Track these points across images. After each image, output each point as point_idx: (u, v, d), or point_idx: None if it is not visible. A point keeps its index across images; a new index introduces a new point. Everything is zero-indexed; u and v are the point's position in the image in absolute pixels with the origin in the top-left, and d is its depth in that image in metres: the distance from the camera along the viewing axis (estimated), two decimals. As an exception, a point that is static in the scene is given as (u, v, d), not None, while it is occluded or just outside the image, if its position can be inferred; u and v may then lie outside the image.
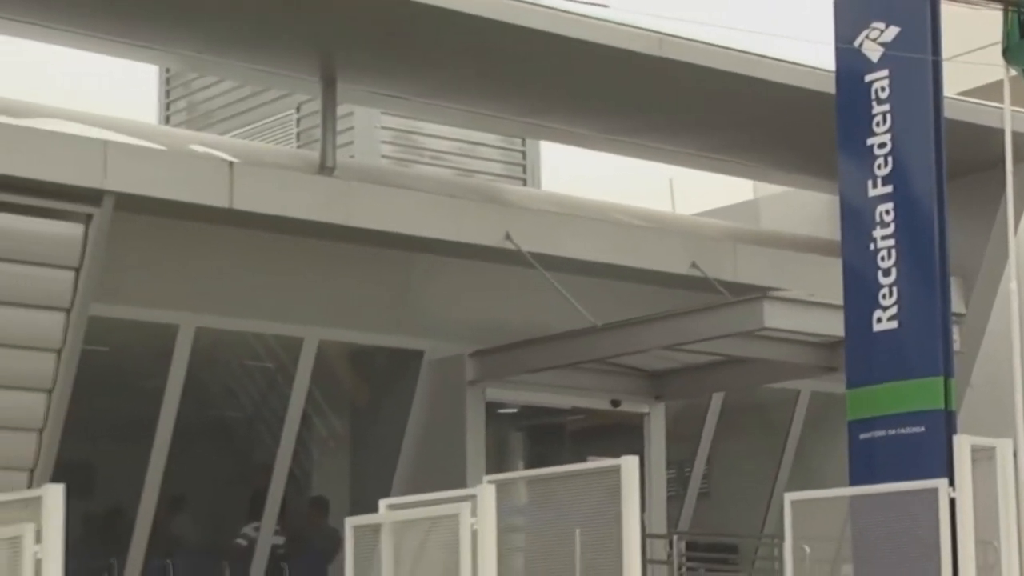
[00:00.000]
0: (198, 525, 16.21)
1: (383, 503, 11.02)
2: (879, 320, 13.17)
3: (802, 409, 19.29)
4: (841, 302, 13.57)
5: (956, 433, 12.31)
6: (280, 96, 19.13)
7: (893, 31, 13.44)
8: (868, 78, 13.49)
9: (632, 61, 15.56)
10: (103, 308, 14.08)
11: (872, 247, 13.26)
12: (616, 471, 10.22)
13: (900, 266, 13.12)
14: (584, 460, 14.47)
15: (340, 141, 16.56)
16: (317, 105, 16.51)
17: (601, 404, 17.63)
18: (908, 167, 13.23)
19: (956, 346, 13.41)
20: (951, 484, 11.58)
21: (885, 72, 13.42)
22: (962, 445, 11.68)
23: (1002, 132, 13.82)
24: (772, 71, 16.24)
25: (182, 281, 15.09)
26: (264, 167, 15.34)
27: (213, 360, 15.80)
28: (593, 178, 21.98)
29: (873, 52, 13.50)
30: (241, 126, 19.58)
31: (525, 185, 19.87)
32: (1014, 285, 13.41)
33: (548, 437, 18.58)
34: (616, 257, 16.72)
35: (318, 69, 15.81)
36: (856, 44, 13.56)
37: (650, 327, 15.64)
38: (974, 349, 18.63)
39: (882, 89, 13.42)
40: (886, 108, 13.38)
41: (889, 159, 13.31)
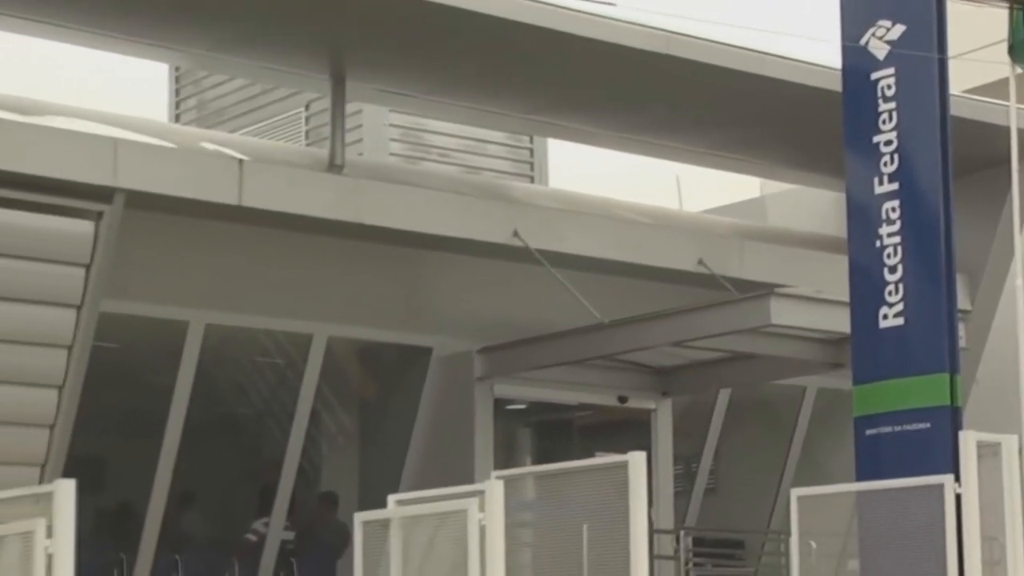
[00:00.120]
0: (208, 520, 16.27)
1: (392, 499, 11.02)
2: (885, 317, 13.17)
3: (808, 405, 19.33)
4: (847, 299, 13.58)
5: (961, 429, 12.29)
6: (289, 94, 19.19)
7: (899, 29, 13.43)
8: (874, 76, 13.49)
9: (639, 59, 15.60)
10: (114, 305, 14.13)
11: (878, 244, 13.26)
12: (623, 467, 10.23)
13: (906, 263, 13.12)
14: (591, 456, 14.49)
15: (349, 139, 16.59)
16: (326, 103, 16.57)
17: (608, 400, 17.67)
18: (914, 164, 13.23)
19: (961, 342, 13.38)
20: (957, 480, 11.57)
21: (891, 70, 13.41)
22: (967, 441, 11.69)
23: (1008, 129, 13.83)
24: (779, 69, 16.27)
25: (192, 278, 15.14)
26: (273, 165, 15.38)
27: (223, 356, 15.84)
28: (600, 175, 22.07)
29: (879, 50, 13.50)
30: (251, 124, 19.63)
31: (533, 182, 19.91)
32: (1020, 282, 13.42)
33: (556, 433, 18.60)
34: (623, 254, 16.75)
35: (327, 67, 15.84)
36: (862, 42, 13.56)
37: (657, 324, 15.67)
38: (979, 345, 18.63)
39: (888, 87, 13.42)
40: (892, 106, 13.37)
41: (895, 156, 13.30)
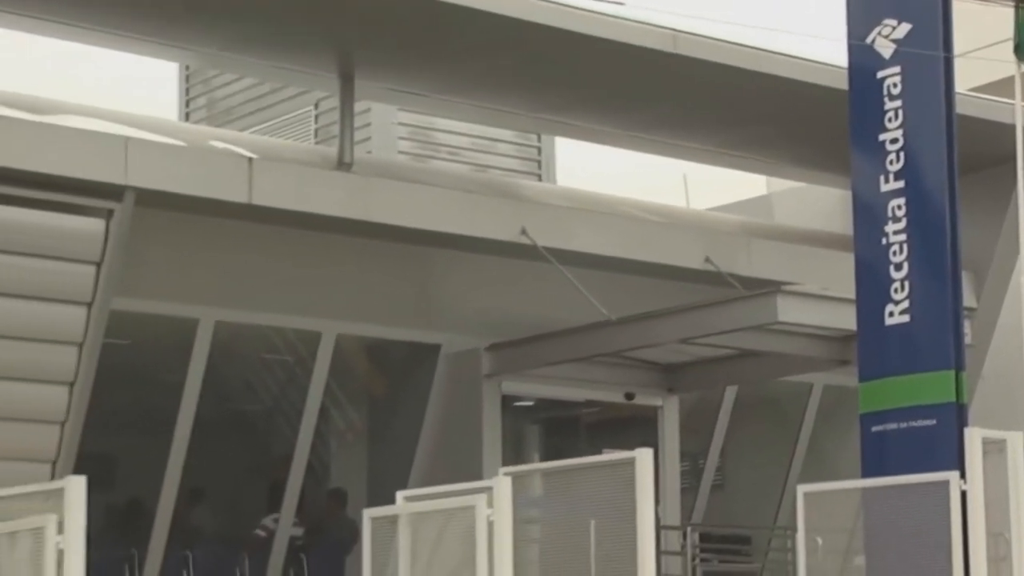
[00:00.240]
0: (218, 517, 16.32)
1: (400, 495, 11.05)
2: (891, 314, 13.17)
3: (815, 402, 19.36)
4: (853, 296, 13.58)
5: (967, 426, 12.26)
6: (299, 93, 19.23)
7: (905, 28, 13.42)
8: (880, 74, 13.48)
9: (646, 58, 15.64)
10: (124, 302, 14.20)
11: (884, 242, 13.25)
12: (631, 463, 10.20)
13: (912, 260, 13.11)
14: (599, 452, 14.56)
15: (358, 137, 16.65)
16: (335, 102, 16.59)
17: (616, 397, 17.71)
18: (920, 162, 13.23)
19: (967, 339, 13.39)
20: (962, 476, 11.53)
21: (897, 68, 13.39)
22: (973, 437, 11.65)
23: (1013, 127, 13.85)
24: (785, 68, 16.30)
25: (202, 276, 15.19)
26: (283, 163, 15.42)
27: (232, 353, 15.90)
28: (608, 173, 22.11)
29: (885, 49, 13.50)
30: (260, 122, 19.68)
31: (540, 180, 19.94)
32: (1025, 279, 13.47)
33: (563, 430, 18.64)
34: (630, 252, 16.80)
35: (336, 66, 15.89)
36: (868, 41, 13.56)
37: (664, 321, 15.72)
38: (985, 342, 18.67)
39: (894, 85, 13.42)
40: (898, 104, 13.37)
41: (901, 155, 13.30)
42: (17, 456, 13.52)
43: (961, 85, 13.94)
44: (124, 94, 20.14)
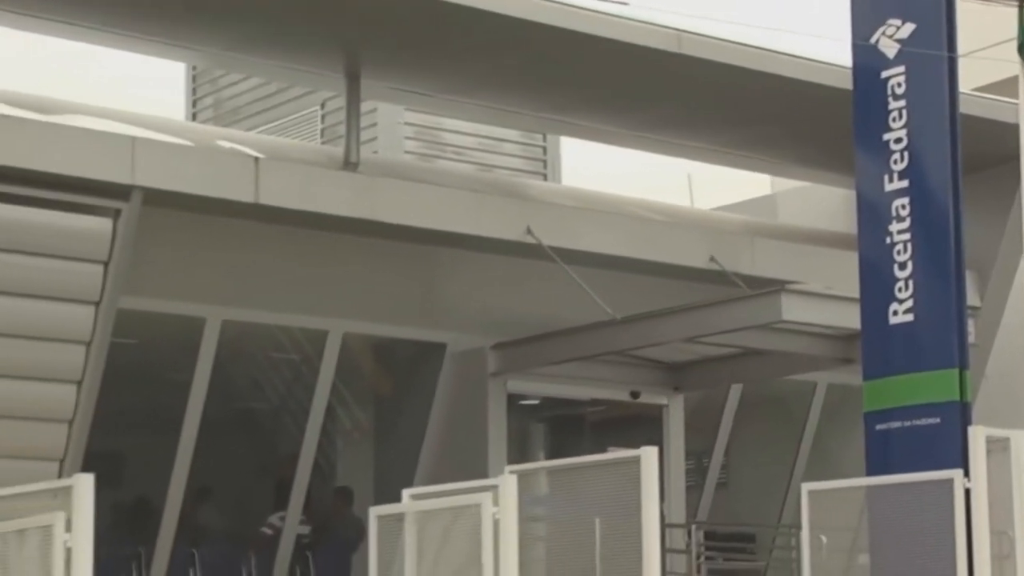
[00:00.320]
0: (225, 515, 16.35)
1: (406, 493, 11.10)
2: (895, 313, 13.20)
3: (819, 400, 19.39)
4: (858, 295, 13.62)
5: (971, 424, 12.29)
6: (305, 93, 19.28)
7: (909, 28, 13.45)
8: (884, 74, 13.51)
9: (651, 58, 15.67)
10: (131, 301, 14.23)
11: (888, 241, 13.29)
12: (636, 462, 10.23)
13: (916, 260, 13.14)
14: (604, 451, 14.55)
15: (364, 137, 16.64)
16: (341, 102, 16.62)
17: (621, 396, 17.74)
18: (924, 162, 13.26)
19: (971, 338, 13.41)
20: (966, 475, 11.55)
21: (901, 68, 13.42)
22: (977, 436, 11.67)
23: (1017, 127, 13.85)
24: (789, 67, 16.32)
25: (209, 275, 15.24)
26: (289, 163, 15.45)
27: (239, 352, 15.94)
28: (612, 173, 22.14)
29: (889, 48, 13.54)
30: (267, 122, 19.72)
31: (546, 180, 19.99)
32: (1028, 278, 13.50)
33: (568, 428, 18.69)
34: (635, 251, 16.82)
35: (342, 66, 15.92)
36: (872, 41, 13.59)
37: (669, 320, 15.75)
38: (989, 341, 18.67)
39: (898, 85, 13.45)
40: (902, 104, 13.40)
41: (905, 154, 13.33)
42: (25, 454, 13.56)
43: (965, 85, 13.96)
44: (131, 94, 20.18)
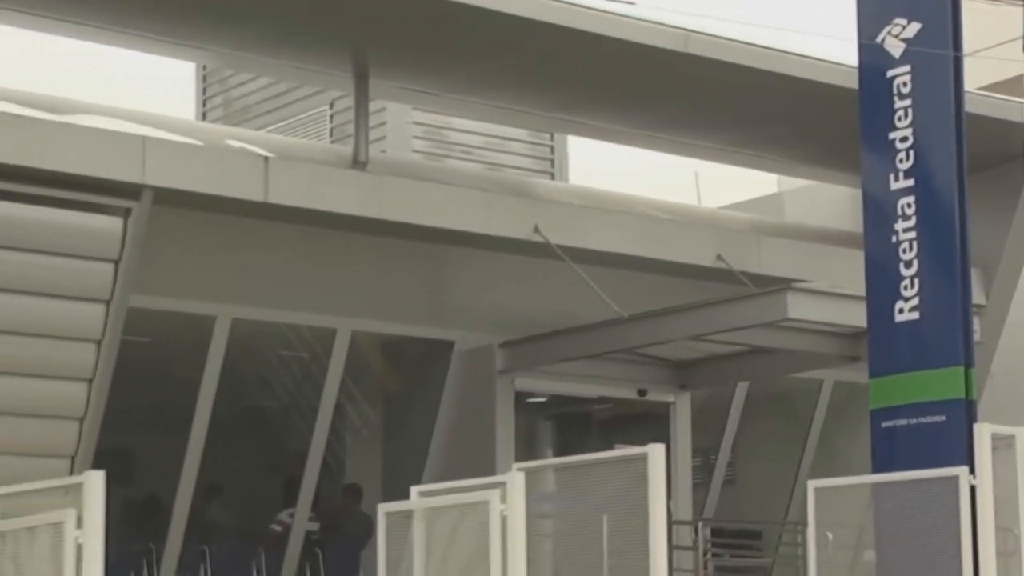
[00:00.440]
0: (234, 512, 16.38)
1: (415, 490, 11.11)
2: (901, 311, 13.25)
3: (825, 398, 19.42)
4: (864, 293, 13.66)
5: (976, 421, 12.32)
6: (314, 92, 19.31)
7: (915, 27, 13.49)
8: (890, 73, 13.55)
9: (658, 57, 15.70)
10: (142, 300, 14.28)
11: (894, 239, 13.32)
12: (643, 459, 10.25)
13: (921, 258, 13.17)
14: (611, 448, 14.61)
15: (373, 136, 16.69)
16: (350, 101, 16.64)
17: (628, 393, 17.77)
18: (930, 161, 13.29)
19: (976, 336, 13.43)
20: (971, 472, 11.56)
21: (907, 67, 13.46)
22: (982, 433, 11.69)
23: (1022, 126, 13.92)
24: (796, 67, 16.35)
25: (218, 273, 15.28)
26: (298, 162, 15.49)
27: (249, 350, 15.98)
28: (620, 172, 22.18)
29: (895, 48, 13.57)
30: (276, 122, 19.75)
31: (553, 179, 20.01)
32: (1034, 276, 13.52)
33: (576, 426, 18.71)
34: (642, 249, 16.85)
35: (351, 66, 15.95)
36: (878, 40, 13.62)
37: (676, 318, 15.78)
38: (994, 339, 18.67)
39: (904, 84, 13.48)
40: (908, 103, 13.43)
41: (911, 153, 13.37)
42: (36, 451, 13.61)
43: (970, 84, 13.98)
44: (141, 94, 20.23)
